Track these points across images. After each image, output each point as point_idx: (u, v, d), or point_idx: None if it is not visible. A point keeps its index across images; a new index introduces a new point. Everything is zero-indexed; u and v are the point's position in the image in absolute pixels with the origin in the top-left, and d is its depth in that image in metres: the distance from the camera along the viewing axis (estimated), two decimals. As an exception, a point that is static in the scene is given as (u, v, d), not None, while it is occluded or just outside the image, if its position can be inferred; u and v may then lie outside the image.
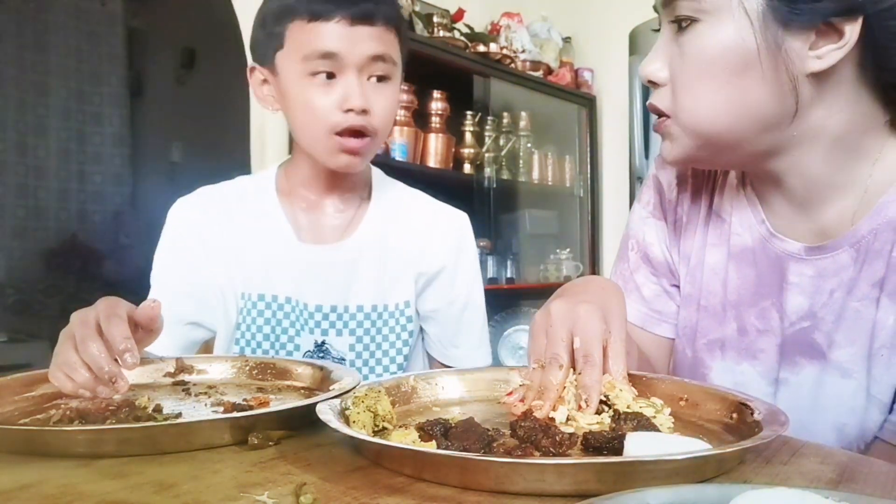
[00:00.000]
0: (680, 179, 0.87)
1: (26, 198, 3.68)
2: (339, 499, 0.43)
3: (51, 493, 0.45)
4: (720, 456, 0.47)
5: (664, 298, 0.88)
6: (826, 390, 0.72)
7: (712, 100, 0.68)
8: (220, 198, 1.08)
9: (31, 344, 3.07)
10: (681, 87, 0.70)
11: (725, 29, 0.66)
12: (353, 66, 0.94)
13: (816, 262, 0.73)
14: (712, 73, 0.67)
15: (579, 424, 0.59)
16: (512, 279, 2.95)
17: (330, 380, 0.72)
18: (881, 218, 0.69)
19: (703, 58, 0.67)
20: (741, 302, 0.79)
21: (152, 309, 0.73)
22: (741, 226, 0.80)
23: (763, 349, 0.77)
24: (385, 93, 0.98)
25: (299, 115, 0.98)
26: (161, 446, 0.54)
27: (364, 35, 0.94)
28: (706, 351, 0.82)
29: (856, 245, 0.70)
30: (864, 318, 0.70)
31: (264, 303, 1.02)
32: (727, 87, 0.67)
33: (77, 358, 0.67)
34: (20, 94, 3.62)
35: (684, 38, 0.68)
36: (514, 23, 3.03)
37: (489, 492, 0.44)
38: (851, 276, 0.71)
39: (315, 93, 0.95)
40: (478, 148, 2.82)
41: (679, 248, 0.86)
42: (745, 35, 0.65)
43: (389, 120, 1.01)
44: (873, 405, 0.69)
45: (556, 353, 0.63)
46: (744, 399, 0.60)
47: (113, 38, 3.93)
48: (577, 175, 3.37)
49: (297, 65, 0.94)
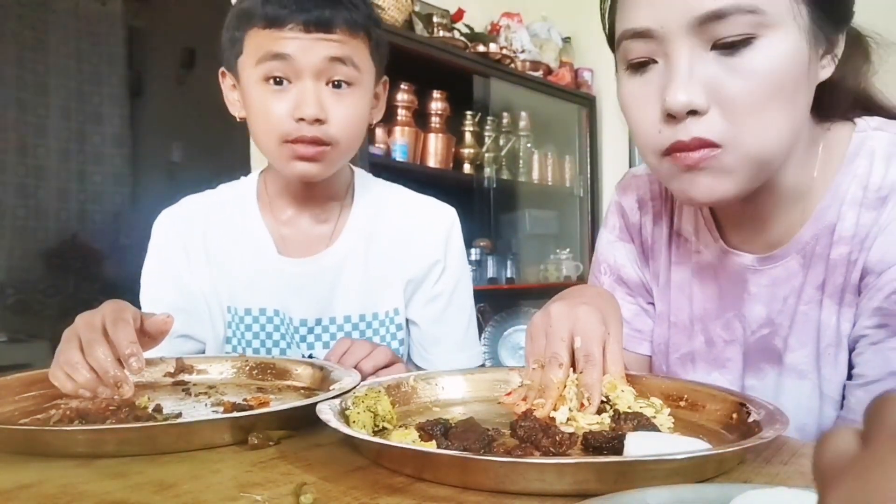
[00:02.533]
0: (641, 203, 0.88)
1: (26, 198, 3.67)
2: (339, 499, 0.43)
3: (51, 493, 0.45)
4: (720, 456, 0.47)
5: (643, 317, 0.89)
6: (786, 393, 0.74)
7: (777, 119, 0.63)
8: (202, 209, 1.07)
9: (31, 344, 3.07)
10: (742, 111, 0.62)
11: (788, 38, 0.61)
12: (309, 72, 0.90)
13: (769, 272, 0.75)
14: (776, 91, 0.62)
15: (579, 424, 0.59)
16: (512, 279, 2.95)
17: (330, 380, 0.73)
18: (821, 223, 0.71)
19: (769, 75, 0.61)
20: (707, 315, 0.81)
21: (165, 324, 0.75)
22: (701, 243, 0.81)
23: (730, 358, 0.79)
24: (345, 100, 0.93)
25: (254, 122, 0.95)
26: (161, 446, 0.54)
27: (321, 41, 0.90)
28: (679, 365, 0.83)
29: (801, 251, 0.72)
30: (811, 319, 0.72)
31: (251, 317, 1.02)
32: (788, 104, 0.63)
33: (81, 359, 0.67)
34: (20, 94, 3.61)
35: (739, 59, 0.61)
36: (513, 23, 3.03)
37: (489, 492, 0.44)
38: (800, 281, 0.73)
39: (268, 99, 0.91)
40: (478, 148, 2.82)
41: (649, 269, 0.88)
42: (801, 45, 0.62)
43: (351, 128, 0.95)
44: (827, 403, 0.71)
45: (556, 351, 0.63)
46: (744, 399, 0.60)
47: (113, 38, 3.93)
48: (577, 175, 3.37)
49: (252, 70, 0.92)
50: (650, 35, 0.64)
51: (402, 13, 2.42)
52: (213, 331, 1.03)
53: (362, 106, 0.96)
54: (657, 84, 0.64)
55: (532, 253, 3.20)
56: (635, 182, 0.90)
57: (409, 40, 2.40)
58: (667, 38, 0.63)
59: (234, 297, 1.02)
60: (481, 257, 2.83)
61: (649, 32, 0.64)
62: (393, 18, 2.36)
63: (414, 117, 2.54)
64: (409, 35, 2.42)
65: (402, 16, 2.41)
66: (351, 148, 0.98)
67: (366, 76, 0.95)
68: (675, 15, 0.62)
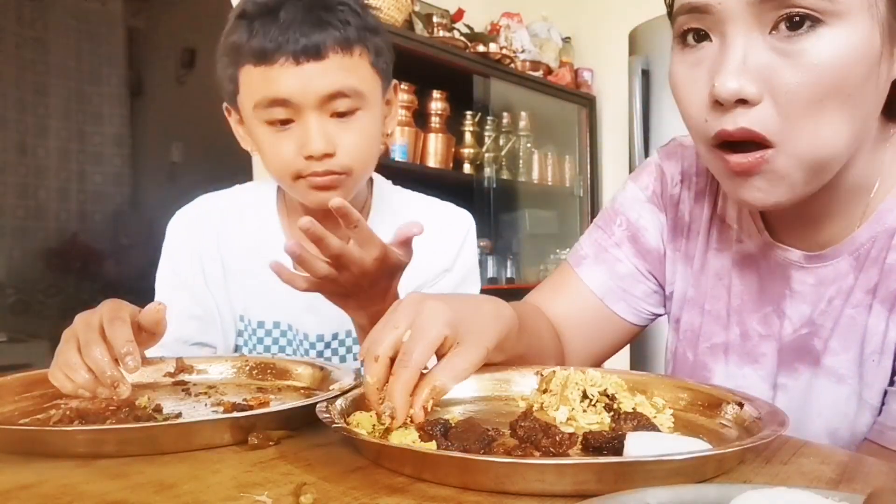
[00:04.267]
0: (684, 175, 0.85)
1: (26, 198, 3.67)
2: (339, 499, 0.43)
3: (51, 493, 0.45)
4: (720, 456, 0.47)
5: (635, 280, 0.87)
6: (820, 396, 0.72)
7: (836, 119, 0.58)
8: (218, 213, 1.05)
9: (31, 344, 3.06)
10: (797, 106, 0.57)
11: (858, 31, 0.56)
12: (310, 108, 0.88)
13: (817, 271, 0.72)
14: (838, 87, 0.57)
15: (579, 424, 0.59)
16: (512, 279, 2.96)
17: (330, 380, 0.73)
18: (880, 226, 0.68)
19: (832, 68, 0.56)
20: (744, 307, 0.78)
21: (157, 312, 0.73)
22: (744, 232, 0.79)
23: (764, 353, 0.77)
24: (353, 127, 0.91)
25: (265, 162, 0.94)
26: (161, 446, 0.54)
27: (315, 73, 0.86)
28: (709, 355, 0.81)
29: (854, 253, 0.70)
30: (858, 324, 0.69)
31: (264, 330, 1.01)
32: (850, 103, 0.58)
33: (78, 359, 0.67)
34: (20, 94, 3.61)
35: (799, 46, 0.56)
36: (513, 23, 3.03)
37: (489, 492, 0.44)
38: (850, 284, 0.70)
39: (273, 140, 0.90)
40: (478, 148, 2.82)
41: (678, 247, 0.85)
42: (874, 38, 0.57)
43: (363, 154, 0.93)
44: (865, 409, 0.69)
45: (377, 338, 0.56)
46: (744, 399, 0.60)
47: (113, 38, 3.93)
48: (576, 175, 3.37)
49: (252, 113, 0.90)
50: (707, 10, 0.59)
51: (402, 13, 2.42)
52: (224, 339, 1.02)
53: (372, 126, 0.94)
54: (709, 66, 0.60)
55: (532, 253, 3.20)
56: (681, 152, 0.85)
57: (409, 40, 2.41)
58: (724, 16, 0.58)
59: (248, 308, 1.01)
60: (481, 257, 2.83)
61: (707, 7, 0.59)
62: (393, 18, 2.36)
63: (414, 117, 2.55)
64: (408, 35, 2.42)
65: (402, 16, 2.41)
66: (366, 170, 0.96)
67: (371, 94, 0.93)
68: None
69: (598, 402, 0.62)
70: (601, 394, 0.63)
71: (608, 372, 0.67)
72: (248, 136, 0.97)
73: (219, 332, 1.02)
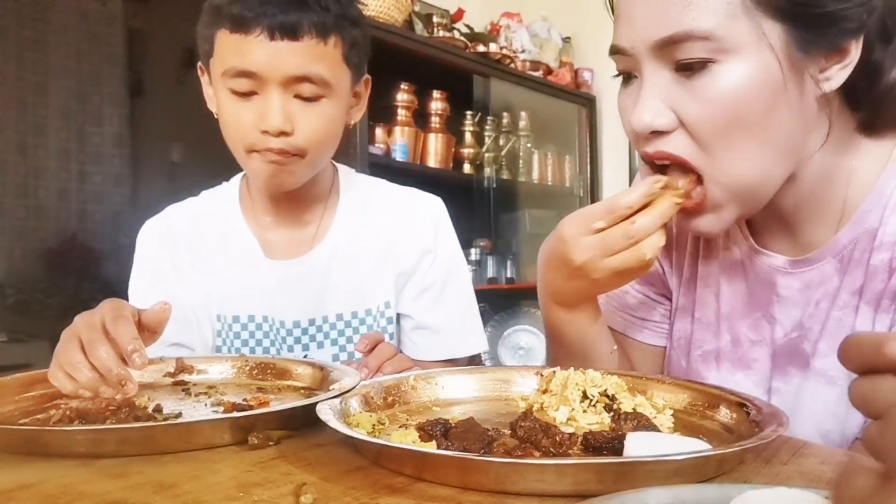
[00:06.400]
0: None
1: (26, 198, 3.67)
2: (339, 499, 0.43)
3: (51, 493, 0.45)
4: (720, 456, 0.47)
5: (647, 306, 0.88)
6: (811, 398, 0.73)
7: (748, 147, 0.63)
8: (186, 218, 1.07)
9: (31, 344, 3.06)
10: (706, 136, 0.63)
11: (750, 65, 0.61)
12: (275, 84, 0.88)
13: (802, 275, 0.73)
14: (739, 118, 0.62)
15: (579, 424, 0.59)
16: (512, 279, 2.95)
17: (330, 380, 0.73)
18: (861, 227, 0.69)
19: (731, 101, 0.61)
20: (734, 314, 0.80)
21: (163, 312, 0.74)
22: (730, 240, 0.80)
23: (756, 359, 0.78)
24: (314, 112, 0.91)
25: (223, 128, 0.94)
26: (161, 446, 0.54)
27: (286, 52, 0.87)
28: (701, 362, 0.82)
29: (838, 255, 0.71)
30: (846, 325, 0.70)
31: (240, 324, 1.02)
32: (759, 128, 0.63)
33: (82, 358, 0.66)
34: (20, 94, 3.61)
35: (698, 83, 0.62)
36: (513, 23, 3.03)
37: (489, 492, 0.44)
38: (835, 286, 0.71)
39: (235, 109, 0.91)
40: (478, 148, 2.82)
41: (669, 258, 0.87)
42: (772, 68, 0.61)
43: (320, 138, 0.93)
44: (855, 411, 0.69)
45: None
46: (744, 399, 0.60)
47: (113, 38, 3.93)
48: (576, 175, 3.37)
49: (220, 78, 0.91)
50: (625, 53, 0.67)
51: (402, 13, 2.42)
52: (202, 340, 1.03)
53: (334, 114, 0.94)
54: (634, 99, 0.67)
55: (532, 253, 3.18)
56: None
57: (409, 40, 2.40)
58: (638, 57, 0.65)
59: (223, 304, 1.02)
60: (481, 257, 2.83)
61: (624, 50, 0.67)
62: (393, 18, 2.36)
63: (414, 117, 2.54)
64: (408, 35, 2.42)
65: (402, 16, 2.41)
66: (322, 156, 0.97)
67: (338, 85, 0.93)
68: (640, 37, 0.64)
69: (598, 403, 0.62)
70: (601, 394, 0.63)
71: (608, 372, 0.68)
72: (213, 99, 0.97)
73: (195, 332, 1.03)
